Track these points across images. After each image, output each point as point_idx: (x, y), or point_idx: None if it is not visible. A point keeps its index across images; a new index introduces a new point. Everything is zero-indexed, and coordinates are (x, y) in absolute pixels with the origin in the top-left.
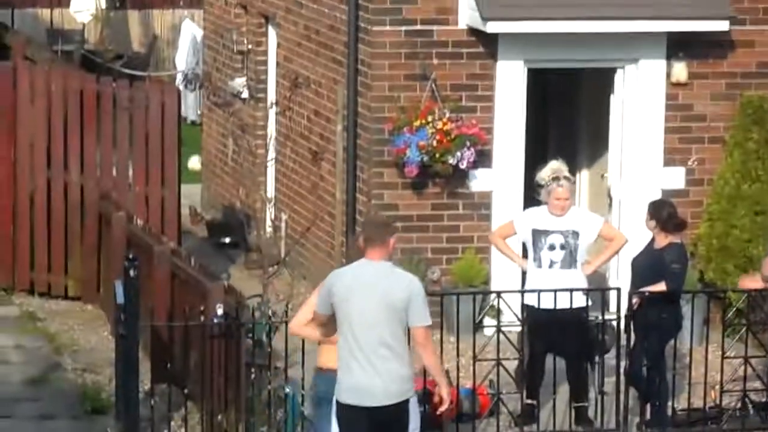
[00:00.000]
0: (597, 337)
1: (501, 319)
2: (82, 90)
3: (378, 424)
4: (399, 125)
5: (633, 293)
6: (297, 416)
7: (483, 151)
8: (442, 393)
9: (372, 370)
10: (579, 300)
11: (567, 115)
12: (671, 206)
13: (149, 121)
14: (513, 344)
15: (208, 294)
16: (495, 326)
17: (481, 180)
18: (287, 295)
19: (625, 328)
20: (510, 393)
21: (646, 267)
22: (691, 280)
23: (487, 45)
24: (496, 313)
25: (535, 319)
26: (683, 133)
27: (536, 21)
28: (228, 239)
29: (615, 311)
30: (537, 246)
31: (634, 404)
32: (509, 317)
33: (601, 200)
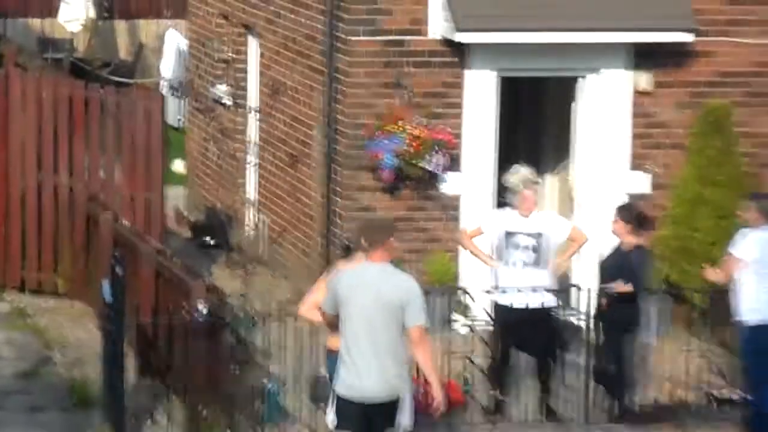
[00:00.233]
0: (562, 335)
1: (471, 317)
2: (71, 96)
3: (372, 417)
4: (374, 131)
5: (601, 293)
6: (277, 408)
7: (453, 156)
8: (434, 392)
9: (369, 367)
10: (547, 298)
11: (535, 122)
12: (639, 207)
13: (135, 126)
14: (485, 341)
15: (191, 292)
16: (466, 324)
17: (452, 183)
18: (266, 293)
19: (594, 327)
20: (481, 387)
21: (614, 268)
22: (656, 281)
23: (458, 55)
24: (464, 310)
25: (506, 318)
26: (647, 139)
27: (506, 32)
28: (210, 240)
29: (583, 310)
30: (506, 246)
31: (600, 398)
32: (480, 316)
33: (566, 203)
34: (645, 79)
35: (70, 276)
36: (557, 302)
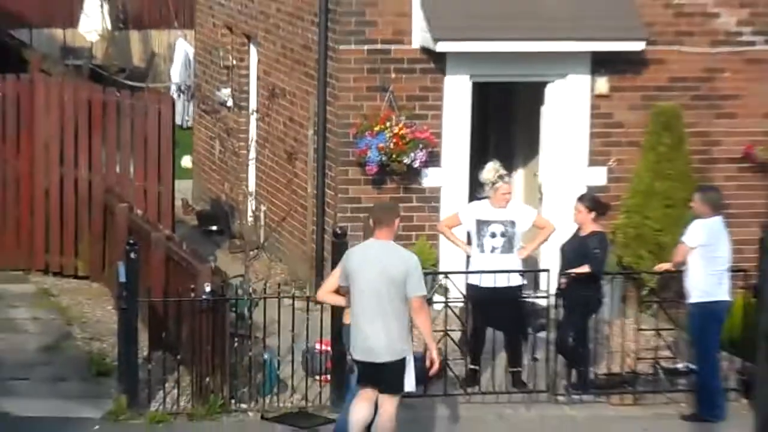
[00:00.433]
0: (530, 314)
1: (448, 297)
2: (90, 99)
3: (380, 375)
4: (362, 130)
5: (561, 274)
6: (274, 379)
7: (433, 153)
8: (432, 353)
9: (376, 332)
10: (515, 280)
11: (505, 122)
12: (597, 197)
13: (147, 126)
14: (459, 317)
15: (198, 274)
16: (443, 302)
17: (432, 177)
18: (265, 275)
19: (555, 305)
20: (456, 359)
21: (573, 252)
22: (611, 264)
23: (437, 62)
24: (444, 291)
25: (478, 297)
26: (605, 138)
27: (480, 41)
28: (215, 227)
29: (546, 290)
30: (480, 234)
31: (562, 370)
32: (455, 295)
33: (533, 195)
34: (603, 84)
35: (89, 260)
36: (524, 282)
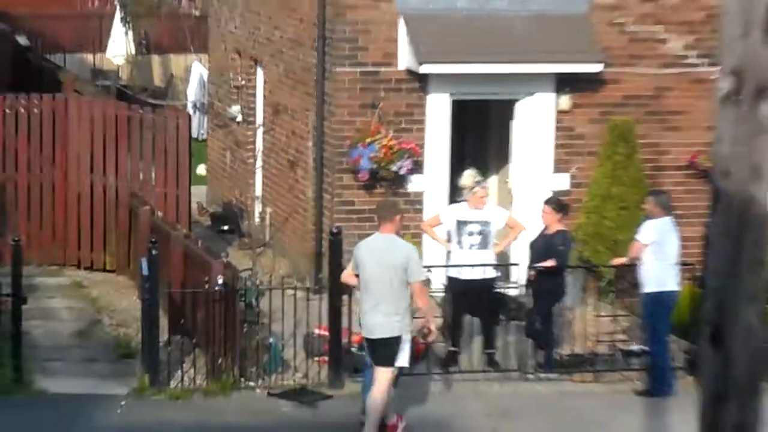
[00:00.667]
0: (502, 302)
1: (430, 288)
2: (117, 115)
3: (379, 350)
4: (355, 141)
5: (530, 268)
6: (278, 360)
7: (417, 162)
8: (431, 326)
9: (378, 313)
10: (490, 273)
11: (480, 135)
12: (561, 199)
13: (167, 139)
14: (440, 306)
15: (212, 268)
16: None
17: (416, 183)
18: (271, 269)
19: (526, 294)
20: (438, 343)
21: (540, 248)
22: (574, 258)
23: (421, 82)
24: (427, 283)
25: (457, 288)
26: (568, 148)
27: (458, 64)
28: (226, 227)
29: (516, 281)
30: (459, 232)
31: (531, 351)
32: (437, 286)
33: (506, 198)
34: (566, 101)
35: (116, 256)
36: (497, 275)
